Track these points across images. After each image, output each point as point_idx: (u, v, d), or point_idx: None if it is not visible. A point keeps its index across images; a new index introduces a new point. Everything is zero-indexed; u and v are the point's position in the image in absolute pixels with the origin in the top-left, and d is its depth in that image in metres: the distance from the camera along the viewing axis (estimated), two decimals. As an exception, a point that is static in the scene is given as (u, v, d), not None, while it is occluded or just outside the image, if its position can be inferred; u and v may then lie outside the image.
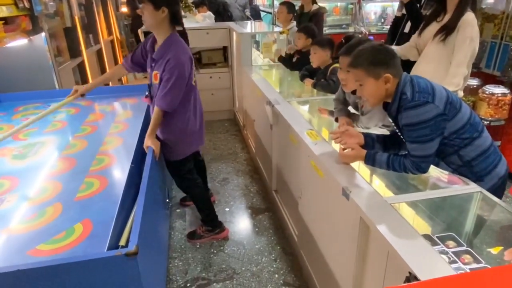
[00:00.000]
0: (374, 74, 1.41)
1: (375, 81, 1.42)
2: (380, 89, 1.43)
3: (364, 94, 1.48)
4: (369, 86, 1.44)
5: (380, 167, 1.51)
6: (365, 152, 1.54)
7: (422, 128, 1.37)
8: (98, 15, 4.73)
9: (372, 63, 1.41)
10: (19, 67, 2.78)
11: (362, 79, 1.45)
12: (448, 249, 1.24)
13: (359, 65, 1.44)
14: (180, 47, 2.04)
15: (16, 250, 1.24)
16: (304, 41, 3.26)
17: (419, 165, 1.42)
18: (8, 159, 1.89)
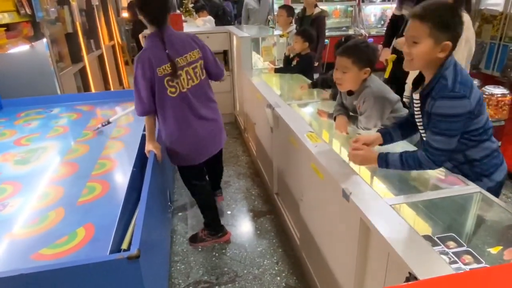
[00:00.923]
0: (436, 37, 1.28)
1: (433, 45, 1.29)
2: (432, 55, 1.31)
3: (413, 53, 1.33)
4: (423, 47, 1.30)
5: (395, 168, 1.45)
6: (377, 155, 1.48)
7: (454, 122, 1.31)
8: (99, 21, 4.76)
9: (441, 24, 1.27)
10: (21, 73, 2.81)
11: (421, 37, 1.30)
12: (448, 249, 1.24)
13: (426, 19, 1.28)
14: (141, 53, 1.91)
15: (19, 255, 1.25)
16: (301, 45, 3.29)
17: (438, 159, 1.36)
18: (10, 164, 1.91)
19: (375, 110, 1.85)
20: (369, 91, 1.85)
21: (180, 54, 1.95)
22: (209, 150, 2.21)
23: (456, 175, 1.52)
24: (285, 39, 3.91)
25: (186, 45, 1.99)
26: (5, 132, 2.34)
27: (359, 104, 1.91)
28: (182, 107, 2.00)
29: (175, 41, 1.94)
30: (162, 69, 1.89)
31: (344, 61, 1.81)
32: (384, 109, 1.88)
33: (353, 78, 1.84)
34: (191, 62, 1.99)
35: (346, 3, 7.04)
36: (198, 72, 2.03)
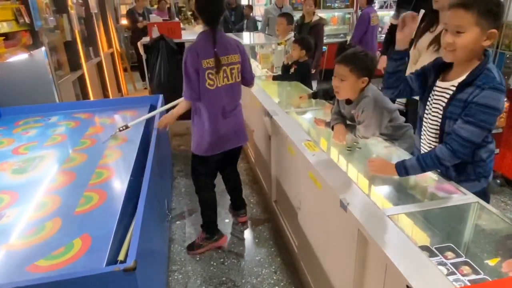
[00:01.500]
0: (482, 25, 1.24)
1: (479, 33, 1.26)
2: (477, 44, 1.28)
3: (458, 42, 1.30)
4: (470, 36, 1.27)
5: (415, 172, 1.45)
6: (394, 164, 1.48)
7: (492, 115, 1.29)
8: (98, 28, 4.79)
9: (488, 11, 1.24)
10: (20, 81, 2.82)
11: (466, 26, 1.26)
12: (446, 260, 1.24)
13: (472, 7, 1.24)
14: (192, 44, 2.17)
15: (15, 266, 1.24)
16: (299, 52, 3.30)
17: (461, 150, 1.34)
18: (8, 173, 1.90)
19: (373, 119, 1.85)
20: (368, 100, 1.85)
21: (224, 53, 2.17)
22: (228, 144, 2.34)
23: (452, 183, 1.52)
24: (283, 46, 3.93)
25: (230, 47, 2.21)
26: (3, 141, 2.33)
27: (357, 113, 1.91)
28: (214, 100, 2.20)
29: (222, 42, 2.17)
30: (206, 62, 2.11)
31: (342, 69, 1.83)
32: (382, 118, 1.89)
33: (350, 86, 1.85)
34: (230, 63, 2.20)
35: (344, 10, 7.10)
36: (234, 74, 2.24)
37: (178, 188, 3.27)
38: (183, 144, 4.24)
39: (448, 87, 1.44)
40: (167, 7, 6.90)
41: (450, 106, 1.41)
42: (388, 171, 1.54)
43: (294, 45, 3.33)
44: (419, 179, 1.64)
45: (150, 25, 3.91)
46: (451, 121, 1.41)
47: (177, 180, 3.41)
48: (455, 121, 1.39)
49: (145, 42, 3.96)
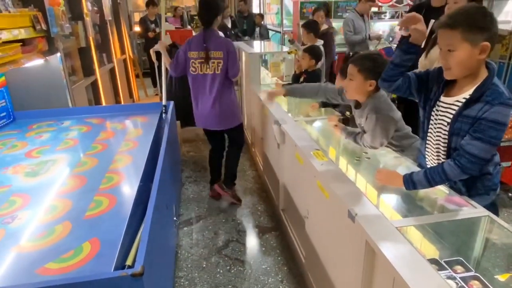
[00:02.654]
0: (471, 39, 1.26)
1: (470, 48, 1.27)
2: (472, 58, 1.29)
3: (451, 62, 1.32)
4: (461, 53, 1.28)
5: (422, 187, 1.44)
6: (402, 176, 1.48)
7: (501, 131, 1.29)
8: (112, 35, 4.88)
9: (474, 26, 1.25)
10: (35, 86, 2.88)
11: (455, 44, 1.28)
12: (456, 274, 1.22)
13: (457, 25, 1.27)
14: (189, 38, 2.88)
15: (25, 268, 1.26)
16: (308, 62, 3.33)
17: (470, 166, 1.32)
18: (20, 176, 1.94)
19: (378, 127, 1.85)
20: (372, 107, 1.86)
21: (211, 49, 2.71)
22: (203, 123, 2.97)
23: (463, 196, 1.50)
24: (293, 55, 3.95)
25: (217, 45, 2.72)
26: (16, 144, 2.38)
27: (363, 120, 1.92)
28: (195, 83, 2.82)
29: (212, 40, 2.72)
30: (192, 54, 2.74)
31: (351, 69, 1.88)
32: (388, 127, 1.88)
33: (357, 86, 1.88)
34: (213, 58, 2.73)
35: (355, 19, 7.09)
36: (214, 66, 2.75)
37: (187, 194, 3.28)
38: (192, 150, 4.27)
39: (453, 102, 1.43)
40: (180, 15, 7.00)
41: (456, 122, 1.40)
42: (396, 183, 1.53)
43: (303, 54, 3.36)
44: (429, 191, 1.62)
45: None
46: (458, 138, 1.40)
47: (186, 186, 3.43)
48: (463, 138, 1.38)
49: (157, 49, 4.02)
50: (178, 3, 10.12)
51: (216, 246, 2.56)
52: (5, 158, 2.16)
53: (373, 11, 7.28)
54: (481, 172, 1.45)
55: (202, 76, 2.76)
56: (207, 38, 2.69)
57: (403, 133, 1.95)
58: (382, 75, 1.60)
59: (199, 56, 2.71)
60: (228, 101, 2.87)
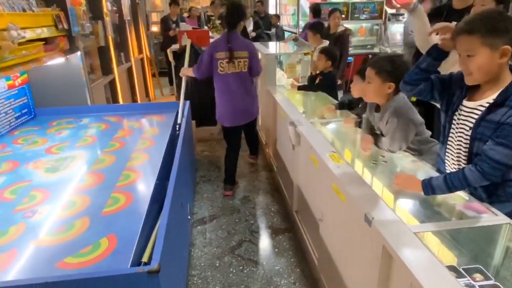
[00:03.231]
0: (490, 44, 1.25)
1: (490, 53, 1.26)
2: (493, 63, 1.27)
3: (472, 67, 1.31)
4: (481, 58, 1.27)
5: (442, 192, 1.42)
6: (421, 181, 1.45)
7: None
8: (130, 34, 4.95)
9: (492, 30, 1.24)
10: (56, 83, 2.95)
11: (474, 49, 1.28)
12: (474, 282, 1.19)
13: (475, 30, 1.26)
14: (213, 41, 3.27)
15: (45, 262, 1.29)
16: (324, 63, 3.33)
17: (493, 172, 1.30)
18: (41, 172, 1.99)
19: (398, 131, 1.83)
20: (393, 110, 1.84)
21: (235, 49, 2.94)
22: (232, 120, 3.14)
23: (483, 203, 1.47)
24: (309, 56, 3.94)
25: (241, 46, 2.97)
26: (37, 140, 2.44)
27: (383, 124, 1.90)
28: (223, 82, 3.01)
29: (235, 41, 2.94)
30: (219, 54, 2.93)
31: (369, 72, 1.87)
32: (408, 131, 1.85)
33: (376, 89, 1.87)
34: (238, 57, 2.96)
35: (371, 21, 7.04)
36: (241, 65, 2.99)
37: (200, 193, 3.30)
38: (206, 150, 4.29)
39: (475, 107, 1.41)
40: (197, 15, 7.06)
41: (479, 127, 1.37)
42: (414, 188, 1.51)
43: (320, 55, 3.35)
44: (447, 197, 1.59)
45: (180, 32, 4.01)
46: (480, 143, 1.37)
47: (200, 185, 3.45)
48: (485, 143, 1.35)
49: (175, 49, 4.07)
50: (195, 3, 10.22)
51: (229, 245, 2.57)
52: (26, 154, 2.22)
53: (391, 12, 7.20)
54: (503, 179, 1.41)
55: (230, 75, 2.98)
56: (231, 39, 2.91)
57: (423, 138, 1.92)
58: (405, 78, 1.58)
59: (226, 56, 2.92)
60: (253, 96, 3.20)
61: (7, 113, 2.60)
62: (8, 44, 1.97)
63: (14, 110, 2.69)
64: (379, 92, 1.87)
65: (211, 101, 4.37)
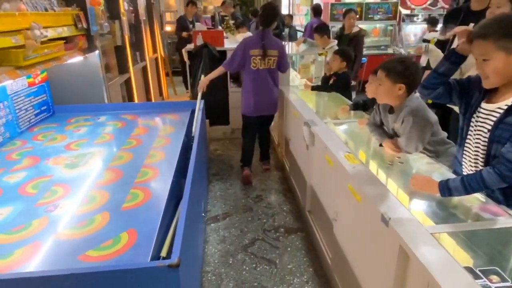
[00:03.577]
0: (505, 48, 1.26)
1: (505, 56, 1.27)
2: (508, 66, 1.29)
3: (487, 70, 1.33)
4: (496, 62, 1.29)
5: (459, 193, 1.42)
6: (437, 182, 1.47)
7: None
8: (145, 34, 5.02)
9: (506, 34, 1.26)
10: (74, 82, 3.02)
11: (490, 53, 1.30)
12: (491, 283, 1.19)
13: (489, 35, 1.28)
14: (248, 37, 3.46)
15: (68, 254, 1.33)
16: (339, 64, 3.32)
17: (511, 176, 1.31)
18: (61, 167, 2.04)
19: (414, 130, 1.83)
20: (408, 110, 1.84)
21: (268, 47, 3.16)
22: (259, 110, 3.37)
23: (500, 206, 1.46)
24: (323, 57, 3.94)
25: (273, 45, 3.20)
26: (56, 137, 2.50)
27: (398, 125, 1.90)
28: (255, 76, 3.24)
29: (268, 39, 3.17)
30: (253, 51, 3.14)
31: (379, 74, 1.89)
32: (424, 130, 1.85)
33: (386, 91, 1.88)
34: (270, 55, 3.19)
35: (386, 22, 7.00)
36: (270, 63, 3.23)
37: (214, 191, 3.34)
38: (219, 149, 4.33)
39: (494, 109, 1.41)
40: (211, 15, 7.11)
41: (497, 129, 1.37)
42: (431, 189, 1.51)
43: (334, 56, 3.35)
44: (464, 199, 1.59)
45: (195, 33, 4.06)
46: (499, 145, 1.37)
47: (213, 183, 3.49)
48: (503, 145, 1.35)
49: (189, 49, 4.11)
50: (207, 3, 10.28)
51: (242, 243, 2.59)
52: (46, 150, 2.28)
53: (405, 13, 7.15)
54: None
55: (261, 71, 3.22)
56: (264, 37, 3.13)
57: (439, 139, 1.92)
58: (423, 82, 1.58)
59: (259, 53, 3.14)
60: (277, 91, 3.43)
61: (27, 110, 2.67)
62: (32, 42, 2.03)
63: (33, 107, 2.75)
64: (390, 94, 1.88)
65: (225, 101, 4.43)
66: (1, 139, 2.33)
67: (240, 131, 3.64)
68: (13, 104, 2.48)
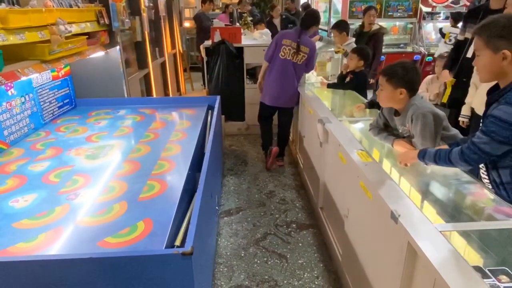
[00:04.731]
0: (493, 46, 1.37)
1: (492, 54, 1.38)
2: (494, 64, 1.39)
3: (477, 65, 1.47)
4: (484, 58, 1.41)
5: (428, 160, 1.59)
6: (418, 150, 1.65)
7: (504, 128, 1.35)
8: (164, 30, 5.10)
9: (496, 34, 1.36)
10: (96, 76, 3.11)
11: (481, 49, 1.42)
12: (500, 283, 1.20)
13: (482, 33, 1.40)
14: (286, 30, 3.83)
15: (88, 240, 1.40)
16: (356, 62, 3.31)
17: (470, 155, 1.42)
18: (82, 158, 2.12)
19: (426, 128, 1.83)
20: (415, 108, 1.86)
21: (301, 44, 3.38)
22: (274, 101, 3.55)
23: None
24: (340, 54, 3.93)
25: (306, 43, 3.40)
26: (78, 129, 2.60)
27: (407, 125, 1.91)
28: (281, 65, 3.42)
29: (302, 37, 3.38)
30: (285, 41, 3.38)
31: (381, 79, 1.95)
32: (436, 125, 1.85)
33: (388, 96, 1.93)
34: (301, 51, 3.39)
35: (406, 20, 6.88)
36: (299, 58, 3.42)
37: (228, 186, 3.40)
38: (234, 144, 4.38)
39: None
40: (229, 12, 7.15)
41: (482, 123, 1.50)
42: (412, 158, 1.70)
43: (352, 54, 3.34)
44: (476, 199, 1.59)
45: (213, 29, 4.10)
46: None
47: (227, 178, 3.55)
48: None
49: (207, 46, 4.17)
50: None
51: (254, 237, 2.64)
52: (68, 141, 2.37)
53: (426, 11, 7.01)
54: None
55: (289, 61, 3.40)
56: (301, 36, 3.37)
57: (451, 134, 1.92)
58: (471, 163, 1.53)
59: (291, 46, 3.35)
60: (296, 86, 3.54)
61: (51, 102, 2.77)
62: (57, 37, 2.11)
63: (57, 100, 2.86)
64: (392, 98, 1.92)
65: (241, 97, 4.47)
66: (27, 130, 2.44)
67: (255, 127, 3.71)
68: (38, 96, 2.58)
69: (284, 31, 3.59)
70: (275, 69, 3.45)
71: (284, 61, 3.40)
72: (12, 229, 1.45)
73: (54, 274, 1.19)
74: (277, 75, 3.44)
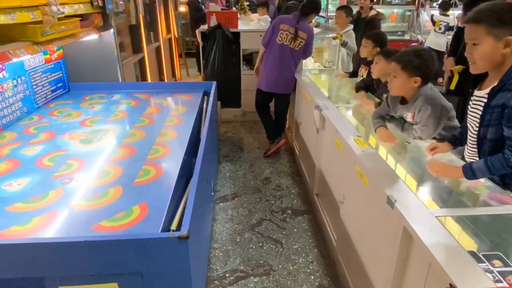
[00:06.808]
0: (495, 34, 1.29)
1: (494, 42, 1.30)
2: (496, 52, 1.32)
3: (475, 55, 1.36)
4: (485, 47, 1.32)
5: (482, 175, 1.42)
6: (460, 167, 1.46)
7: None
8: (159, 14, 5.00)
9: (498, 20, 1.28)
10: (89, 59, 3.06)
11: (480, 38, 1.32)
12: (493, 268, 1.21)
13: (482, 20, 1.31)
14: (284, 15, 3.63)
15: (82, 224, 1.39)
16: (371, 50, 2.78)
17: None
18: (76, 142, 2.10)
19: (432, 118, 1.82)
20: (424, 99, 1.83)
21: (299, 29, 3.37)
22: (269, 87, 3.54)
23: (507, 192, 1.47)
24: (337, 41, 3.88)
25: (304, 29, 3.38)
26: (72, 113, 2.56)
27: (413, 113, 1.89)
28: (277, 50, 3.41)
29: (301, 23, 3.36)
30: (283, 26, 3.36)
31: (394, 66, 1.87)
32: (441, 118, 1.85)
33: (402, 84, 1.86)
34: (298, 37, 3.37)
35: (404, 7, 6.83)
36: (296, 44, 3.40)
37: (223, 172, 3.39)
38: (230, 131, 4.36)
39: (483, 95, 1.45)
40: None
41: (486, 114, 1.41)
42: (453, 174, 1.53)
43: (366, 41, 2.85)
44: (471, 186, 1.59)
45: (209, 13, 4.04)
46: (489, 128, 1.41)
47: (222, 164, 3.54)
48: (495, 127, 1.39)
49: (203, 30, 4.10)
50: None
51: (250, 223, 2.65)
52: (62, 125, 2.34)
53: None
54: None
55: (286, 46, 3.38)
56: (299, 22, 3.35)
57: (454, 125, 1.92)
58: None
59: (289, 31, 3.34)
60: (293, 73, 3.52)
61: (43, 86, 2.72)
62: (49, 18, 2.06)
63: (50, 84, 2.81)
64: (405, 86, 1.87)
65: (237, 83, 4.43)
66: (19, 113, 2.40)
67: (251, 114, 3.68)
68: (30, 79, 2.53)
69: (282, 15, 3.56)
70: (272, 54, 3.43)
71: (281, 46, 3.38)
72: (5, 212, 1.44)
73: (48, 257, 1.18)
74: (274, 60, 3.42)
